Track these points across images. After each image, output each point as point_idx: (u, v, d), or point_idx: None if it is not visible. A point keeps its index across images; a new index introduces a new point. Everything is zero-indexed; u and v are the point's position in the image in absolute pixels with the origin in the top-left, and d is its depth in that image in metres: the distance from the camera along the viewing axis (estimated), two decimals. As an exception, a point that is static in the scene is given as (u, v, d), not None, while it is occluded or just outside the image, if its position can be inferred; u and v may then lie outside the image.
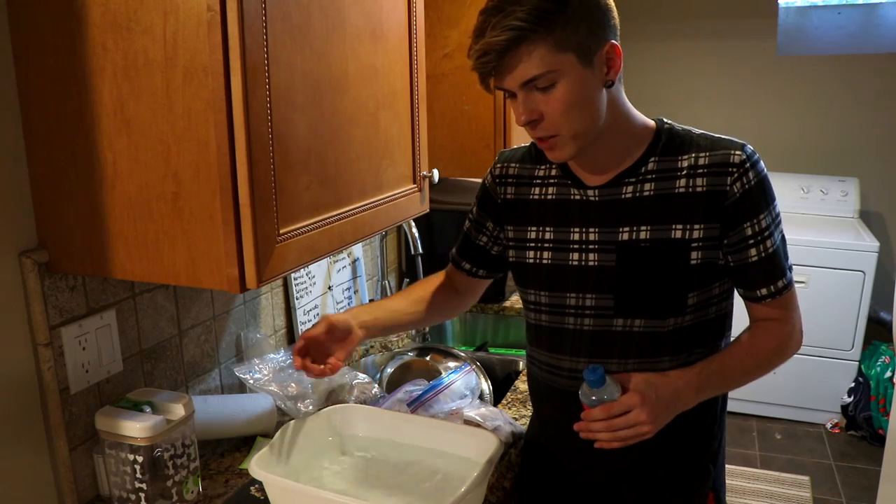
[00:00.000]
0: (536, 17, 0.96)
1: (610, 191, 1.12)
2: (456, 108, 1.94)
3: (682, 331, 1.12)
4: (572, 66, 1.00)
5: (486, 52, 0.99)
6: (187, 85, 0.93)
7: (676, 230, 1.08)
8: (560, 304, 1.17)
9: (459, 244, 1.35)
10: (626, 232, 1.10)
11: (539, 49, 0.98)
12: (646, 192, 1.09)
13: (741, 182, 1.05)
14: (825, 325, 3.34)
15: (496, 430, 1.27)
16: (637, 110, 1.13)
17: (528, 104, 1.03)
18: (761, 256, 1.08)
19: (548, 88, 1.01)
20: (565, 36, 0.98)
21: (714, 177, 1.06)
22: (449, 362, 1.78)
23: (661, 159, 1.10)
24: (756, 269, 1.09)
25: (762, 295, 1.11)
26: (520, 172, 1.22)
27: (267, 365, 1.48)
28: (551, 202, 1.18)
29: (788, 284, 1.12)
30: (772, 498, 2.89)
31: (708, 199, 1.06)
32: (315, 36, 1.06)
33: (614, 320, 1.13)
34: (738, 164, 1.05)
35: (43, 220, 1.08)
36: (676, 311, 1.11)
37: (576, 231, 1.14)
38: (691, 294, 1.10)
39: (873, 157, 3.70)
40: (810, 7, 3.67)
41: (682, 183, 1.08)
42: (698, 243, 1.07)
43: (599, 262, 1.12)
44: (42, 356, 1.10)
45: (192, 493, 1.19)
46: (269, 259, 0.99)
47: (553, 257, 1.17)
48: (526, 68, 0.99)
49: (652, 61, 3.93)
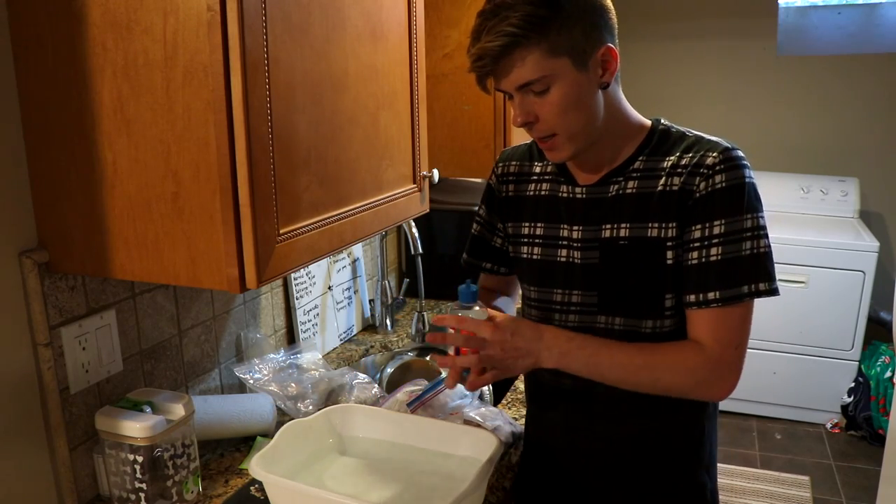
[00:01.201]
0: (530, 23, 0.96)
1: (597, 189, 1.12)
2: (456, 108, 1.94)
3: (661, 336, 1.10)
4: (567, 69, 1.00)
5: (481, 57, 1.00)
6: (187, 85, 0.93)
7: (653, 229, 1.07)
8: (547, 299, 1.18)
9: (470, 247, 1.33)
10: (608, 229, 1.11)
11: (533, 54, 0.98)
12: (628, 190, 1.10)
13: (706, 182, 1.03)
14: (825, 325, 3.34)
15: (496, 430, 1.26)
16: (634, 110, 1.13)
17: (524, 107, 1.04)
18: (701, 262, 1.03)
19: (543, 92, 1.01)
20: (559, 41, 0.98)
21: (688, 176, 1.05)
22: (449, 362, 1.77)
23: (648, 159, 1.10)
24: (692, 272, 1.05)
25: (689, 301, 1.05)
26: (520, 170, 1.24)
27: (267, 365, 1.48)
28: (543, 198, 1.19)
29: (724, 300, 1.02)
30: (772, 498, 2.89)
31: (679, 198, 1.05)
32: (315, 36, 1.06)
33: (597, 317, 1.13)
34: (709, 165, 1.03)
35: (43, 220, 1.08)
36: (654, 313, 1.09)
37: (564, 228, 1.15)
38: (668, 296, 1.08)
39: (873, 157, 3.70)
40: (810, 7, 3.67)
41: (662, 182, 1.07)
42: (672, 242, 1.06)
43: (584, 260, 1.13)
44: (42, 356, 1.10)
45: (192, 493, 1.19)
46: (269, 259, 0.99)
47: (543, 253, 1.18)
48: (520, 73, 1.00)
49: (651, 61, 3.93)
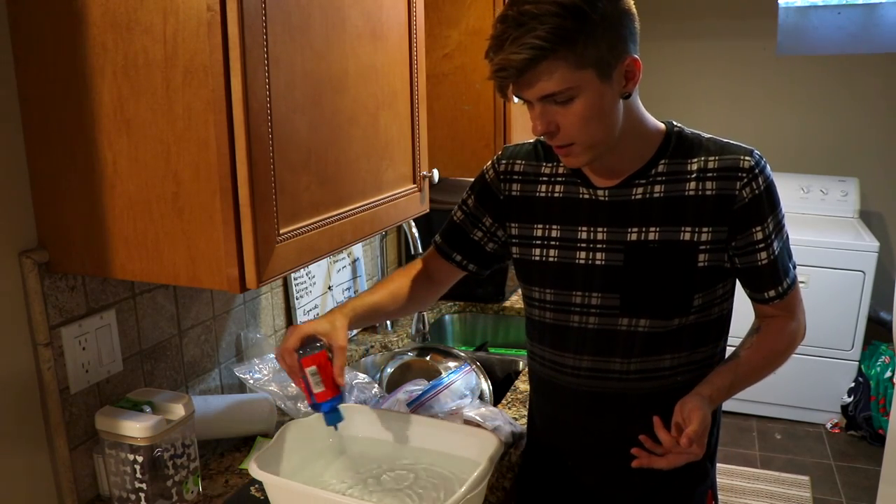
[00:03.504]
0: (557, 36, 0.94)
1: (620, 192, 1.12)
2: (456, 108, 1.94)
3: (684, 330, 1.13)
4: (591, 81, 0.99)
5: (504, 68, 0.97)
6: (187, 85, 0.93)
7: (685, 232, 1.09)
8: (565, 301, 1.17)
9: (447, 233, 1.31)
10: (634, 232, 1.11)
11: (559, 67, 0.97)
12: (656, 193, 1.10)
13: (751, 187, 1.07)
14: (825, 324, 3.34)
15: (496, 430, 1.26)
16: (649, 114, 1.13)
17: (545, 116, 1.02)
18: (770, 259, 1.10)
19: (566, 102, 1.00)
20: (586, 53, 0.97)
21: (724, 181, 1.07)
22: (449, 362, 1.78)
23: (670, 162, 1.10)
24: (764, 271, 1.12)
25: (770, 297, 1.14)
26: (526, 169, 1.22)
27: (267, 365, 1.48)
28: (558, 200, 1.18)
29: (793, 283, 1.15)
30: (772, 498, 2.89)
31: (717, 203, 1.07)
32: (315, 36, 1.06)
33: (619, 319, 1.13)
34: (747, 169, 1.07)
35: (43, 220, 1.08)
36: (682, 312, 1.12)
37: (584, 230, 1.15)
38: (697, 295, 1.11)
39: (873, 157, 3.70)
40: (810, 7, 3.67)
41: (692, 186, 1.08)
42: (706, 246, 1.08)
43: (607, 262, 1.13)
44: (42, 356, 1.10)
45: (192, 493, 1.19)
46: (269, 259, 0.99)
47: (560, 255, 1.17)
48: (545, 85, 0.98)
49: (651, 61, 3.91)
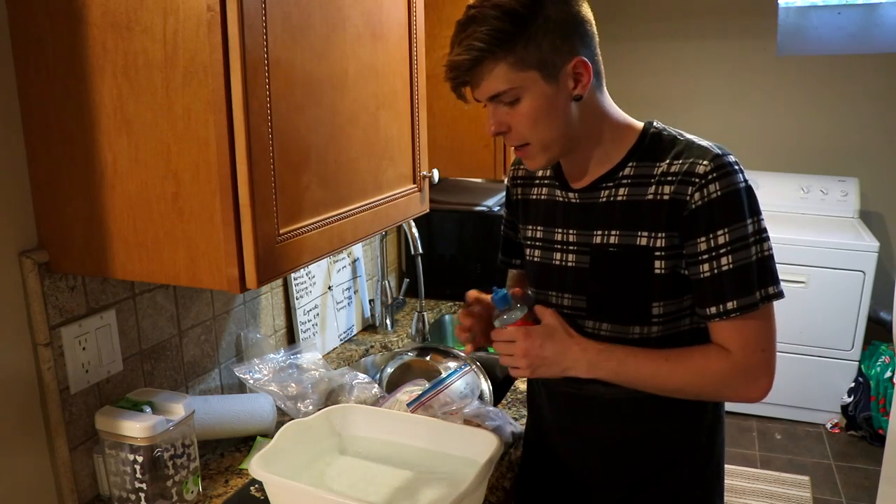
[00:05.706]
0: (495, 38, 0.98)
1: (588, 194, 1.13)
2: (456, 108, 1.94)
3: (649, 341, 1.10)
4: (535, 82, 1.01)
5: (451, 68, 1.03)
6: (187, 85, 0.93)
7: (642, 237, 1.07)
8: (543, 301, 1.19)
9: (502, 246, 1.38)
10: (598, 235, 1.11)
11: (500, 68, 1.00)
12: (619, 196, 1.10)
13: (701, 193, 1.01)
14: (825, 324, 3.34)
15: (496, 430, 1.27)
16: (624, 113, 1.12)
17: (496, 116, 1.06)
18: (714, 273, 1.02)
19: (513, 103, 1.04)
20: (526, 54, 1.00)
21: (680, 185, 1.03)
22: (449, 362, 1.78)
23: (638, 165, 1.09)
24: (706, 285, 1.03)
25: (710, 314, 1.04)
26: (526, 173, 1.26)
27: (267, 365, 1.48)
28: (543, 202, 1.21)
29: (742, 308, 1.01)
30: (772, 498, 2.89)
31: (671, 208, 1.04)
32: (315, 36, 1.06)
33: (586, 322, 1.14)
34: (700, 174, 1.01)
35: (43, 220, 1.08)
36: (641, 320, 1.09)
37: (559, 231, 1.17)
38: (656, 304, 1.08)
39: (873, 157, 3.70)
40: (810, 7, 3.67)
41: (652, 190, 1.06)
42: (661, 252, 1.06)
43: (577, 264, 1.14)
44: (42, 356, 1.10)
45: (192, 493, 1.19)
46: (269, 259, 0.99)
47: (541, 256, 1.20)
48: (489, 85, 1.02)
49: (651, 61, 3.93)
